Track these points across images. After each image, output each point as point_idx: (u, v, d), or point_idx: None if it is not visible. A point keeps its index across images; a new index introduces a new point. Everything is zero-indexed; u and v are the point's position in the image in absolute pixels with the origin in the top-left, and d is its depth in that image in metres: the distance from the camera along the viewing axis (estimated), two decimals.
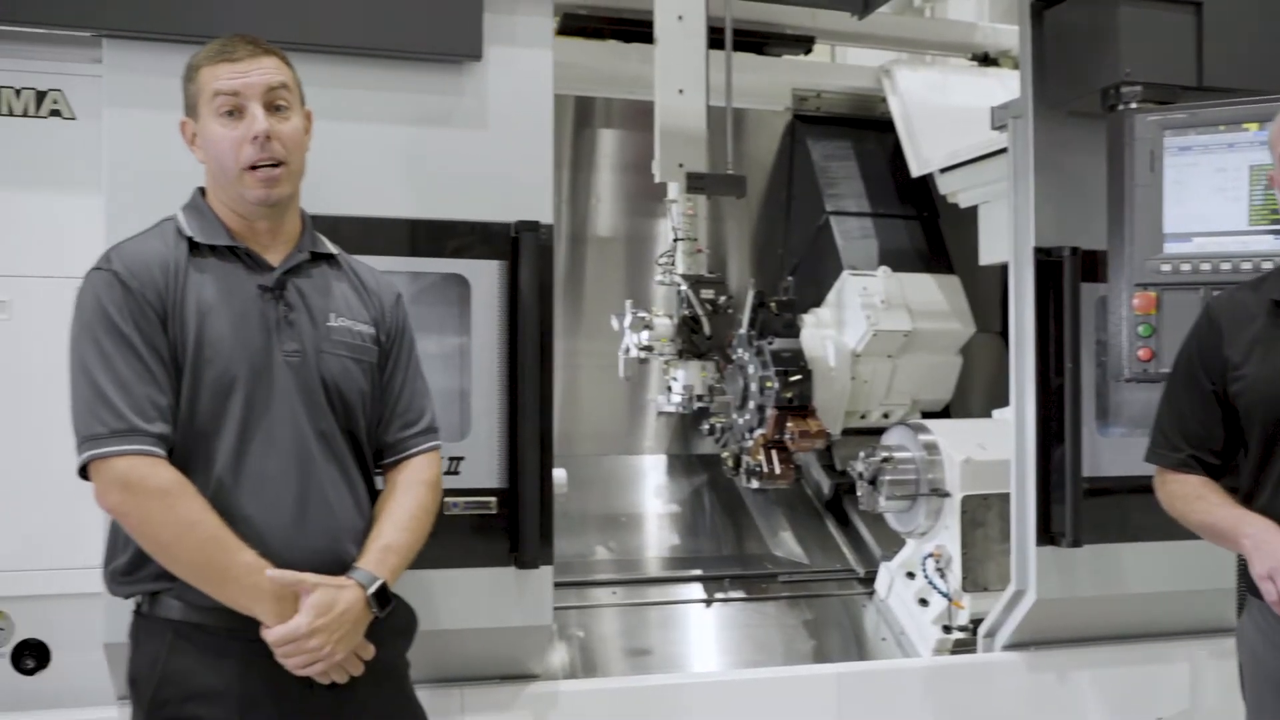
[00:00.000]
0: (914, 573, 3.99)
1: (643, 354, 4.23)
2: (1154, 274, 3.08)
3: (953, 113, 4.53)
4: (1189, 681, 3.72)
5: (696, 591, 4.17)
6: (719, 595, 4.15)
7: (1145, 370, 3.08)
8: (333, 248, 2.42)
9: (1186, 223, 3.07)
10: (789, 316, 4.25)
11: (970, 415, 4.58)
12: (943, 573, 3.85)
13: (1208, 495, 2.51)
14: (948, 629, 3.80)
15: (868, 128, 4.89)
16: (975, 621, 3.77)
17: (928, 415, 4.50)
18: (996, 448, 3.78)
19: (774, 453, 4.15)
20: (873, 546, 4.37)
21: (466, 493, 2.98)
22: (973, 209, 4.37)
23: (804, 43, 4.87)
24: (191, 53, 2.32)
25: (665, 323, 4.23)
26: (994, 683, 3.63)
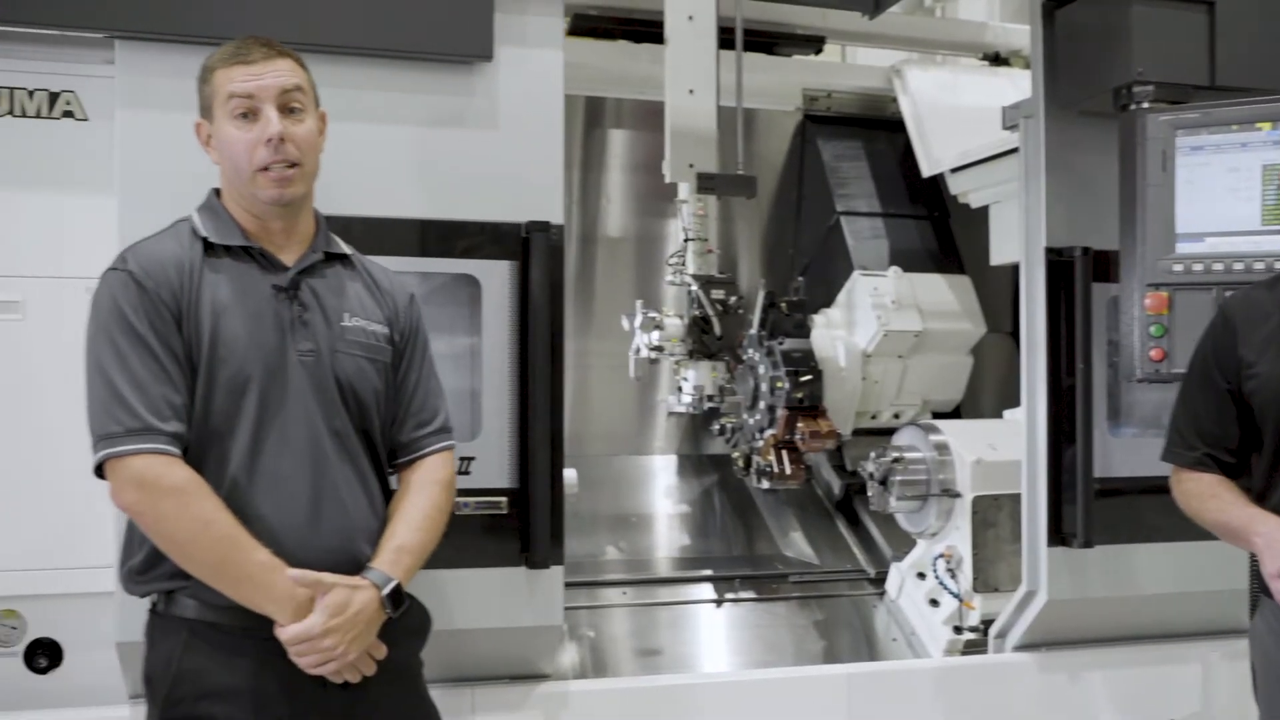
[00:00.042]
0: (925, 573, 3.98)
1: (653, 354, 4.22)
2: (1166, 274, 3.08)
3: (963, 112, 4.52)
4: (1201, 683, 3.71)
5: (707, 592, 4.16)
6: (729, 595, 4.14)
7: (1157, 370, 3.07)
8: (346, 248, 2.43)
9: (1199, 222, 3.06)
10: (799, 317, 4.25)
11: (981, 416, 4.58)
12: (954, 573, 3.84)
13: (1222, 494, 2.50)
14: (959, 629, 3.80)
15: (878, 128, 4.89)
16: (986, 622, 3.76)
17: (938, 416, 4.49)
18: (1007, 448, 3.77)
19: (784, 453, 4.14)
20: (883, 547, 4.36)
21: (477, 493, 2.99)
22: (983, 209, 4.36)
23: (814, 43, 4.86)
24: (204, 54, 2.33)
25: (676, 323, 4.22)
26: (1005, 684, 3.63)
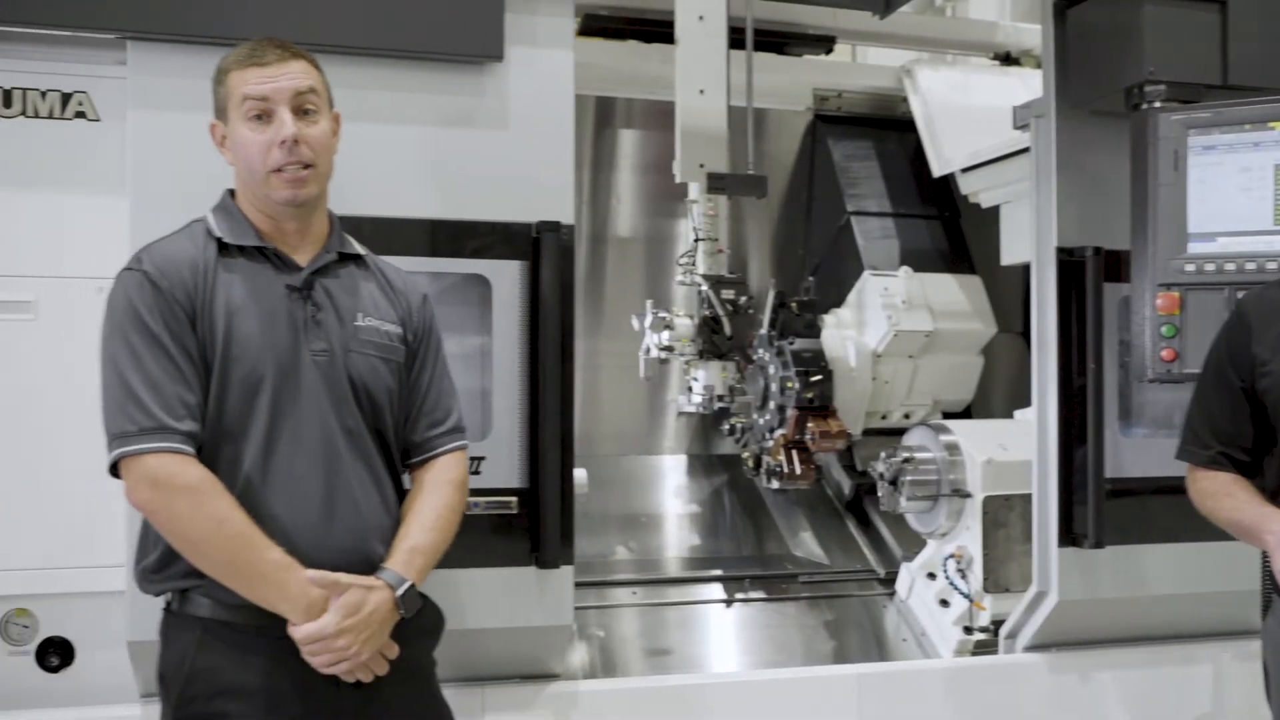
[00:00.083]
0: (935, 573, 3.98)
1: (663, 354, 4.22)
2: (1178, 274, 3.07)
3: (974, 112, 4.50)
4: (1213, 684, 3.70)
5: (716, 592, 4.16)
6: (739, 595, 4.14)
7: (1168, 371, 3.07)
8: (360, 248, 2.44)
9: (1211, 222, 3.05)
10: (810, 317, 4.24)
11: (992, 416, 4.56)
12: (964, 574, 3.83)
13: (1236, 492, 2.50)
14: (969, 630, 3.79)
15: (889, 127, 4.87)
16: (996, 623, 3.75)
17: (949, 416, 4.48)
18: (1018, 448, 3.77)
19: (794, 453, 4.14)
20: (893, 547, 4.35)
21: (487, 493, 2.99)
22: (994, 209, 4.35)
23: (825, 42, 4.85)
24: (215, 54, 2.34)
25: (686, 323, 4.22)
26: (1015, 684, 3.62)
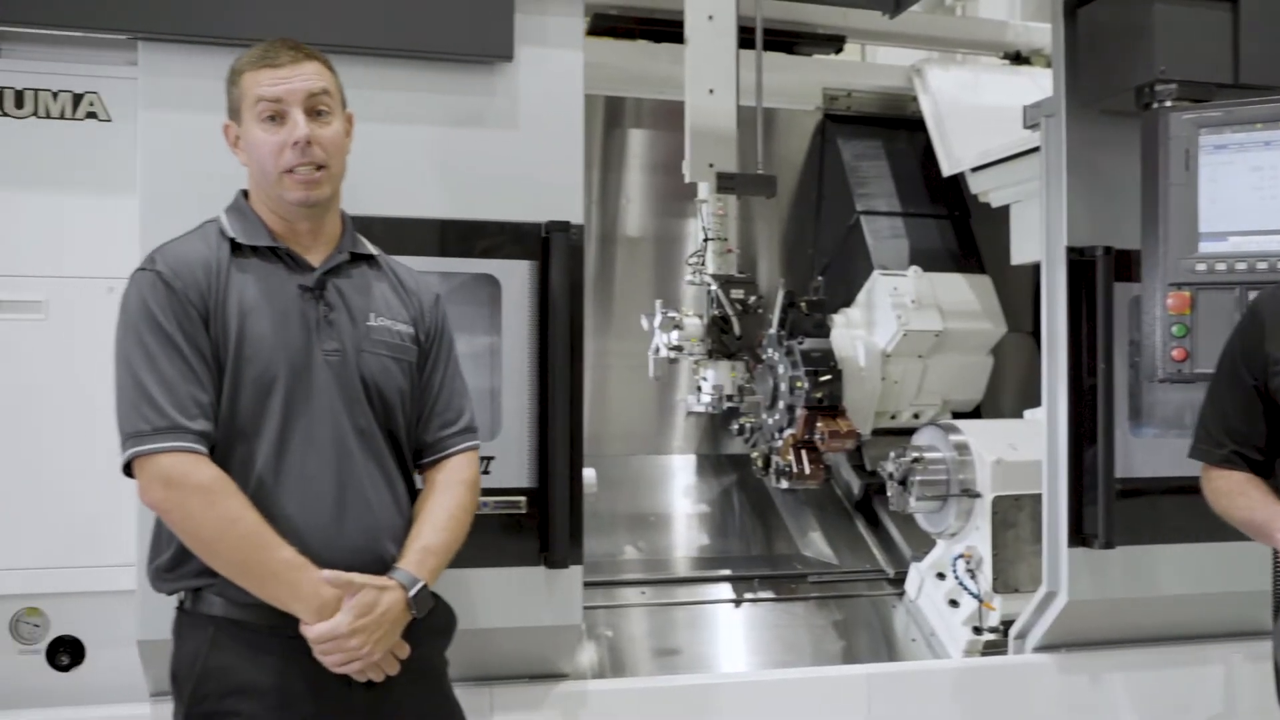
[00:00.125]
0: (944, 574, 3.97)
1: (672, 354, 4.22)
2: (1188, 273, 3.06)
3: (984, 112, 4.50)
4: (1223, 684, 3.69)
5: (725, 592, 4.16)
6: (748, 595, 4.14)
7: (1179, 371, 3.06)
8: (373, 249, 2.44)
9: (1222, 221, 3.04)
10: (819, 316, 4.24)
11: (1001, 416, 4.56)
12: (973, 574, 3.83)
13: (1249, 492, 2.49)
14: (978, 630, 3.79)
15: (898, 127, 4.87)
16: (1006, 623, 3.75)
17: (958, 415, 4.48)
18: (1028, 448, 3.76)
19: (804, 453, 4.13)
20: (903, 547, 4.35)
21: (497, 492, 2.99)
22: (1004, 208, 4.35)
23: (834, 42, 4.85)
24: (226, 55, 2.35)
25: (695, 323, 4.22)
26: (1025, 685, 3.61)
